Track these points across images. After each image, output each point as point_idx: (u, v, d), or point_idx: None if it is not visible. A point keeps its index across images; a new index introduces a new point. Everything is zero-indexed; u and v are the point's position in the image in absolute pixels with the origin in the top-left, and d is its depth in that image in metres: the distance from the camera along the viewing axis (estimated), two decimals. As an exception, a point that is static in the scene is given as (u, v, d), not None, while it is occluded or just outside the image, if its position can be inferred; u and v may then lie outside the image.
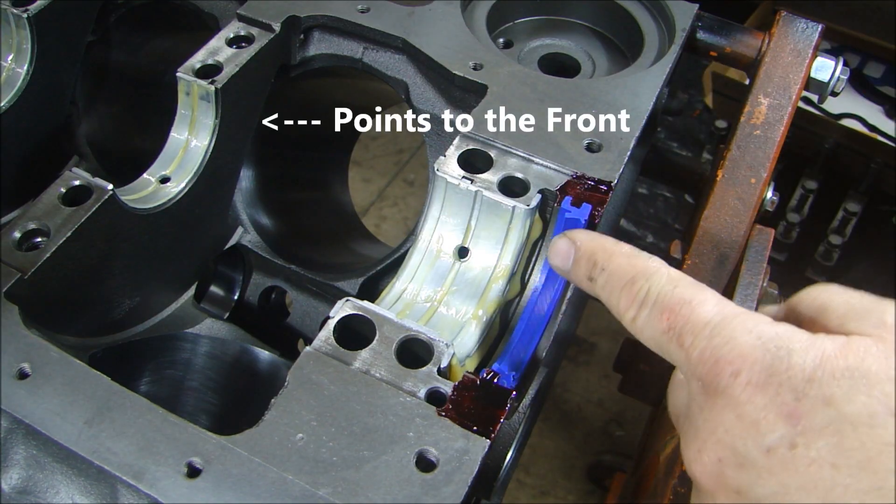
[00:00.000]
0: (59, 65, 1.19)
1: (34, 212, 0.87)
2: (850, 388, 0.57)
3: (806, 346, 0.60)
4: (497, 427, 0.72)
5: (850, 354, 0.58)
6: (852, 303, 0.65)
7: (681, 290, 0.67)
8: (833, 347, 0.59)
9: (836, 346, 0.59)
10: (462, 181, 0.89)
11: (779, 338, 0.61)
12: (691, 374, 0.64)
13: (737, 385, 0.61)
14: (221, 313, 1.29)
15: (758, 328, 0.62)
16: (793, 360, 0.59)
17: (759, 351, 0.61)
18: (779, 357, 0.60)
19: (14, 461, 0.76)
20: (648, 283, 0.69)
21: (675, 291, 0.67)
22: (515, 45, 1.22)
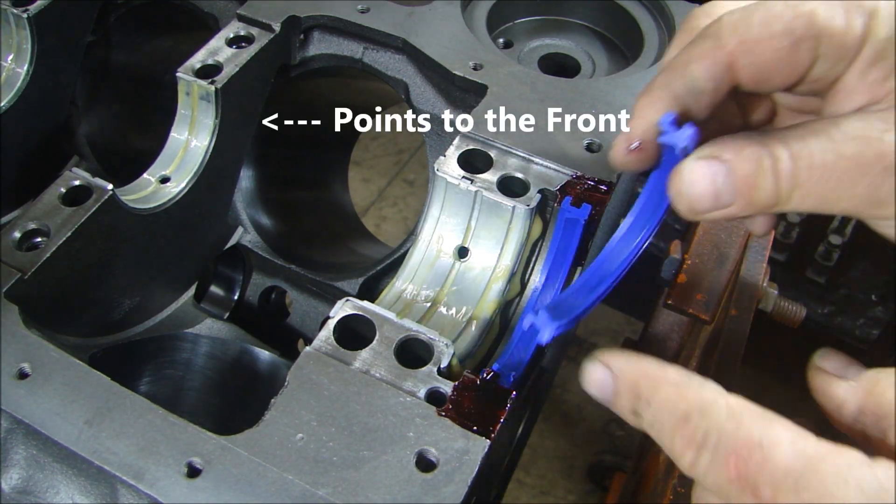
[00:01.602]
0: (59, 65, 1.19)
1: (34, 212, 0.87)
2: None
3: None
4: (497, 427, 0.72)
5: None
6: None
7: (746, 428, 0.56)
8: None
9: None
10: (462, 181, 0.89)
11: (884, 491, 0.52)
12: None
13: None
14: (221, 313, 1.29)
15: (853, 475, 0.53)
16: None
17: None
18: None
19: (14, 461, 0.76)
20: (706, 421, 0.57)
21: (739, 431, 0.56)
22: (515, 45, 1.22)
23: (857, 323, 2.31)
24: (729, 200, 0.60)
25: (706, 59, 0.62)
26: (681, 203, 0.63)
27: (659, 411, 0.60)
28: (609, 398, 0.64)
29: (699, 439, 0.57)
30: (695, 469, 0.58)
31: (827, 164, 0.57)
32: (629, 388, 0.62)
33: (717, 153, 0.60)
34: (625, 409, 0.63)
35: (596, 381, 0.65)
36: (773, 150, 0.58)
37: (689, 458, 0.58)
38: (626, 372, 0.63)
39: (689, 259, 0.99)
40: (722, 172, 0.60)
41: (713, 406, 0.58)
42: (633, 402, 0.62)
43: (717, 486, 0.57)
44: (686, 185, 0.61)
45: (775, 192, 0.59)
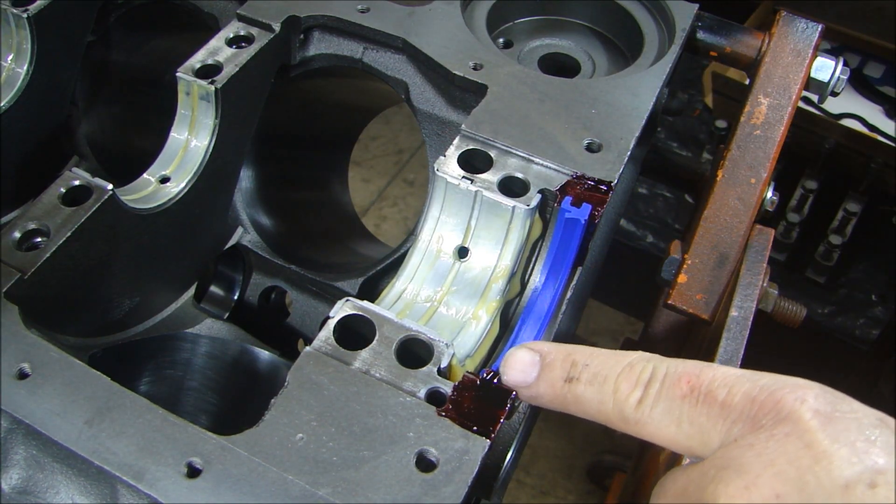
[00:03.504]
0: (59, 65, 1.19)
1: (34, 212, 0.87)
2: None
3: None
4: (497, 427, 0.72)
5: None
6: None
7: (692, 361, 0.62)
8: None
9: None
10: (462, 181, 0.89)
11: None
12: (733, 420, 0.58)
13: (804, 410, 0.56)
14: (221, 313, 1.29)
15: (808, 383, 0.58)
16: (854, 404, 0.56)
17: (817, 387, 0.57)
18: (838, 397, 0.57)
19: (14, 461, 0.75)
20: (651, 363, 0.63)
21: (686, 363, 0.62)
22: (515, 45, 1.22)
23: (857, 323, 2.31)
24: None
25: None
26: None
27: (600, 366, 0.65)
28: (532, 377, 0.69)
29: (647, 376, 0.62)
30: (642, 404, 0.62)
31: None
32: (563, 357, 0.68)
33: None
34: (555, 378, 0.68)
35: (522, 361, 0.70)
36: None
37: (636, 395, 0.62)
38: (556, 347, 0.69)
39: (689, 259, 0.99)
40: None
41: (654, 356, 0.63)
42: (567, 369, 0.67)
43: (668, 410, 0.61)
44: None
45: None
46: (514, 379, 0.71)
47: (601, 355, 0.66)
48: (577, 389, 0.66)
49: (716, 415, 0.59)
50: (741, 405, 0.58)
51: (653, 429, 0.62)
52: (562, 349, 0.69)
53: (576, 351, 0.68)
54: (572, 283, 0.90)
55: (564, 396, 0.67)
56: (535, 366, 0.69)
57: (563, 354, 0.68)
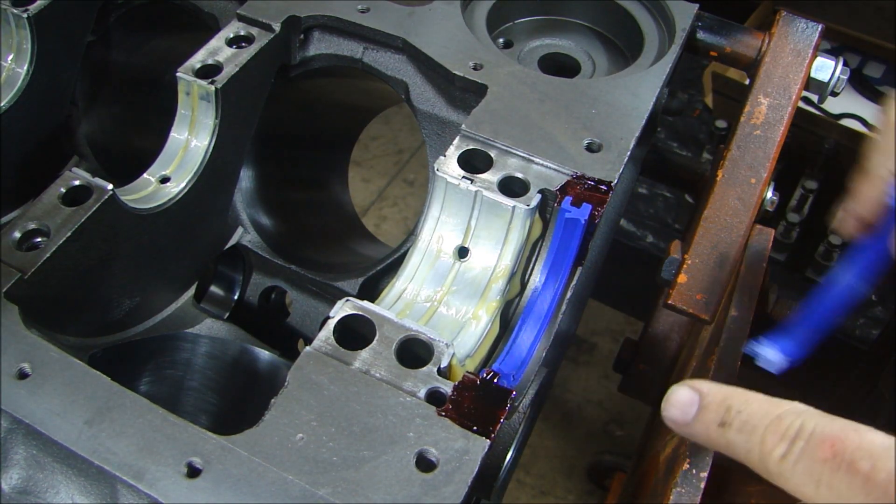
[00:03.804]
0: (59, 65, 1.19)
1: (34, 212, 0.87)
2: None
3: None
4: (497, 427, 0.72)
5: None
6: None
7: (840, 421, 0.61)
8: None
9: None
10: (462, 181, 0.89)
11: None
12: (875, 497, 0.57)
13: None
14: (221, 313, 1.29)
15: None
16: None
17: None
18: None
19: (14, 461, 0.75)
20: (800, 417, 0.62)
21: (834, 423, 0.61)
22: (515, 45, 1.22)
23: (857, 323, 2.31)
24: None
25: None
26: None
27: (752, 415, 0.65)
28: (690, 416, 0.70)
29: (793, 432, 0.61)
30: (785, 460, 0.61)
31: None
32: (720, 400, 0.68)
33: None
34: (710, 421, 0.68)
35: (681, 400, 0.70)
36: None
37: (780, 450, 0.61)
38: (716, 389, 0.69)
39: (689, 259, 0.99)
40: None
41: (807, 410, 0.62)
42: (721, 414, 0.67)
43: (809, 470, 0.60)
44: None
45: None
46: (673, 416, 0.72)
47: (755, 402, 0.66)
48: (729, 435, 0.67)
49: (857, 487, 0.58)
50: (884, 484, 0.56)
51: (792, 485, 0.62)
52: (720, 392, 0.69)
53: (732, 395, 0.68)
54: (572, 283, 0.90)
55: (717, 440, 0.68)
56: (694, 405, 0.70)
57: (721, 398, 0.68)
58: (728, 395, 0.68)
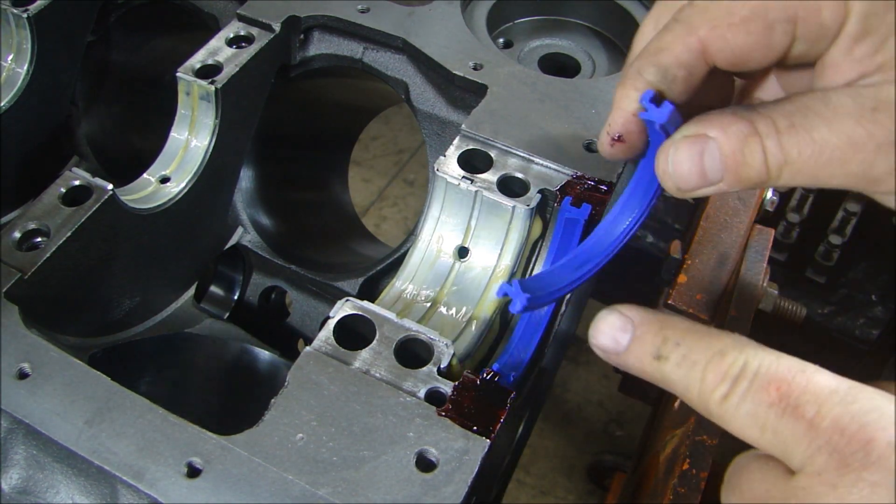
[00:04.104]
0: (59, 65, 1.19)
1: (34, 212, 0.87)
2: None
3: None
4: (497, 427, 0.72)
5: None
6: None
7: (787, 360, 0.57)
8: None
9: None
10: (462, 181, 0.89)
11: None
12: (818, 446, 0.54)
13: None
14: (221, 313, 1.29)
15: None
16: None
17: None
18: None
19: (14, 461, 0.75)
20: (744, 354, 0.58)
21: (780, 362, 0.57)
22: (515, 45, 1.22)
23: (857, 323, 2.31)
24: (717, 178, 0.60)
25: (677, 46, 0.62)
26: (668, 182, 0.63)
27: (691, 349, 0.60)
28: (622, 346, 0.63)
29: (736, 370, 0.57)
30: (727, 401, 0.57)
31: (816, 141, 0.56)
32: (655, 330, 0.62)
33: (702, 130, 0.60)
34: (645, 352, 0.62)
35: (611, 326, 0.64)
36: (759, 126, 0.58)
37: (722, 390, 0.57)
38: (650, 317, 0.63)
39: (689, 259, 0.99)
40: (708, 150, 0.59)
41: (750, 345, 0.58)
42: (657, 345, 0.61)
43: (753, 416, 0.56)
44: (672, 165, 0.61)
45: (764, 169, 0.58)
46: (602, 344, 0.65)
47: (694, 334, 0.60)
48: (665, 369, 0.61)
49: (801, 434, 0.54)
50: (829, 432, 0.53)
51: (735, 427, 0.58)
52: (654, 321, 0.63)
53: (668, 325, 0.62)
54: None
55: (652, 374, 0.63)
56: (627, 333, 0.63)
57: (656, 327, 0.62)
58: (664, 324, 0.62)
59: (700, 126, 0.60)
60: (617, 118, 0.66)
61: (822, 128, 0.56)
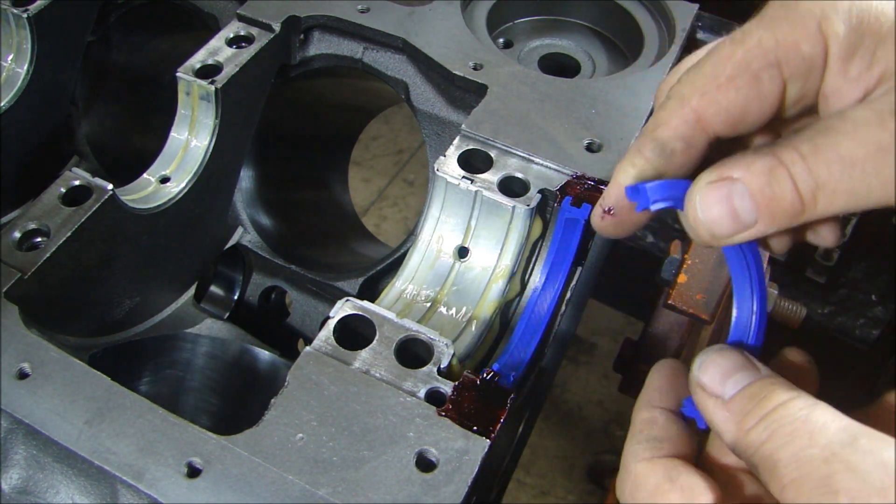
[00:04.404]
0: (59, 65, 1.19)
1: (34, 212, 0.87)
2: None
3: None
4: (497, 427, 0.72)
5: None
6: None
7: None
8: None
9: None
10: (462, 181, 0.89)
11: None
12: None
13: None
14: (221, 313, 1.29)
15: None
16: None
17: None
18: None
19: (14, 461, 0.75)
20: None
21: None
22: (515, 45, 1.22)
23: (857, 323, 2.31)
24: (751, 219, 0.57)
25: (672, 120, 0.62)
26: (700, 232, 0.60)
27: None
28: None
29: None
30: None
31: (844, 157, 0.54)
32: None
33: (725, 173, 0.58)
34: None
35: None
36: (783, 156, 0.56)
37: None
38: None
39: (689, 259, 0.99)
40: (736, 192, 0.57)
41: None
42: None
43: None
44: (701, 212, 0.59)
45: (798, 198, 0.56)
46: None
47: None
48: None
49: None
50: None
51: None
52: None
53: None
54: (572, 284, 0.90)
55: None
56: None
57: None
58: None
59: (722, 169, 0.58)
60: (611, 192, 0.66)
61: (847, 142, 0.54)
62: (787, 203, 0.56)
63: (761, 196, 0.57)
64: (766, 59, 0.58)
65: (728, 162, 0.59)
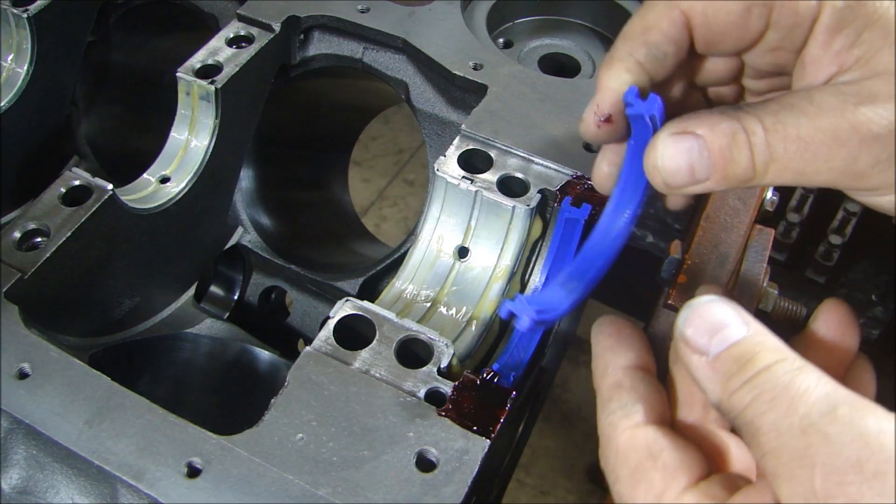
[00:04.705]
0: (59, 65, 1.19)
1: (34, 212, 0.87)
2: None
3: None
4: (497, 427, 0.72)
5: None
6: None
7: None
8: None
9: None
10: (462, 181, 0.89)
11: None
12: None
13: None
14: (221, 313, 1.29)
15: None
16: None
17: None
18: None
19: (14, 461, 0.75)
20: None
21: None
22: (515, 45, 1.22)
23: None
24: (705, 175, 0.60)
25: (663, 22, 0.62)
26: (656, 178, 0.62)
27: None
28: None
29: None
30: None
31: (802, 137, 0.56)
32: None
33: (690, 128, 0.60)
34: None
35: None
36: (746, 124, 0.58)
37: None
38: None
39: (689, 259, 0.99)
40: (696, 147, 0.59)
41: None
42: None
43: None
44: (661, 160, 0.61)
45: (751, 165, 0.59)
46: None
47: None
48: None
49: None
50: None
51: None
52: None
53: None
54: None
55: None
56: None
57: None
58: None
59: (688, 123, 0.60)
60: (605, 98, 0.64)
61: (807, 124, 0.56)
62: (741, 168, 0.59)
63: (720, 156, 0.59)
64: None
65: (694, 116, 0.60)
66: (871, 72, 0.57)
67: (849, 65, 0.58)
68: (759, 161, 0.58)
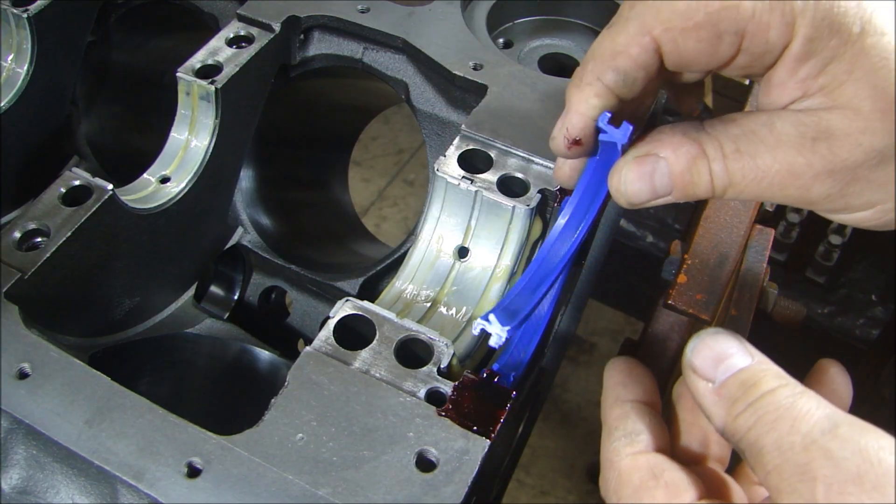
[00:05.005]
0: (59, 65, 1.19)
1: (34, 212, 0.87)
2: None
3: None
4: (497, 427, 0.72)
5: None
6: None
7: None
8: None
9: None
10: (462, 181, 0.89)
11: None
12: None
13: None
14: (221, 313, 1.29)
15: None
16: None
17: None
18: None
19: (14, 461, 0.75)
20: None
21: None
22: (515, 45, 1.22)
23: (857, 323, 2.31)
24: (666, 192, 0.65)
25: (633, 48, 0.63)
26: (620, 198, 0.67)
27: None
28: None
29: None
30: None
31: (759, 167, 0.60)
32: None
33: (653, 150, 0.64)
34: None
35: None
36: (707, 149, 0.62)
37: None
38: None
39: (689, 259, 0.99)
40: (659, 169, 0.64)
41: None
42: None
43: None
44: (625, 184, 0.65)
45: (710, 188, 0.63)
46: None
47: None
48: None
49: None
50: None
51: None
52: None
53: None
54: (575, 283, 0.90)
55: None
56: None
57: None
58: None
59: (652, 146, 0.64)
60: (576, 122, 0.67)
61: (766, 155, 0.60)
62: (701, 190, 0.63)
63: (680, 178, 0.63)
64: (736, 25, 0.60)
65: (656, 138, 0.64)
66: (832, 102, 0.59)
67: (812, 91, 0.60)
68: (718, 185, 0.62)
